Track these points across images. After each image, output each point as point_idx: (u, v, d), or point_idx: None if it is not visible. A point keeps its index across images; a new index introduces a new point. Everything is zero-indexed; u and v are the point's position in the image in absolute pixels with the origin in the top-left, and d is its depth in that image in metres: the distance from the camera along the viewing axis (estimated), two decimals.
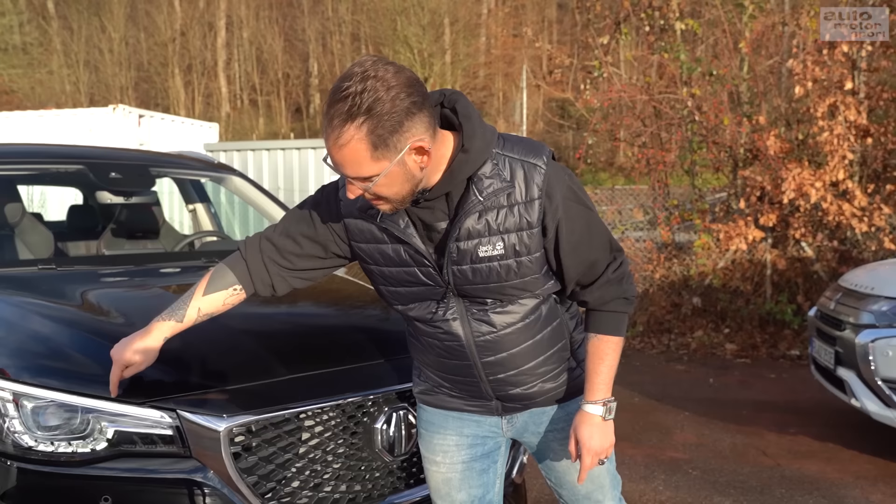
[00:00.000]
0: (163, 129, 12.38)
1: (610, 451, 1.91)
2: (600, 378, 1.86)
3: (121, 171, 3.74)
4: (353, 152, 1.52)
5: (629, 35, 10.03)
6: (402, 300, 1.88)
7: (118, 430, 1.94)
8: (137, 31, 42.41)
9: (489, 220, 1.69)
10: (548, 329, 1.88)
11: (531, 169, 1.70)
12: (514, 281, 1.76)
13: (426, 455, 2.08)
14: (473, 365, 1.88)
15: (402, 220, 1.73)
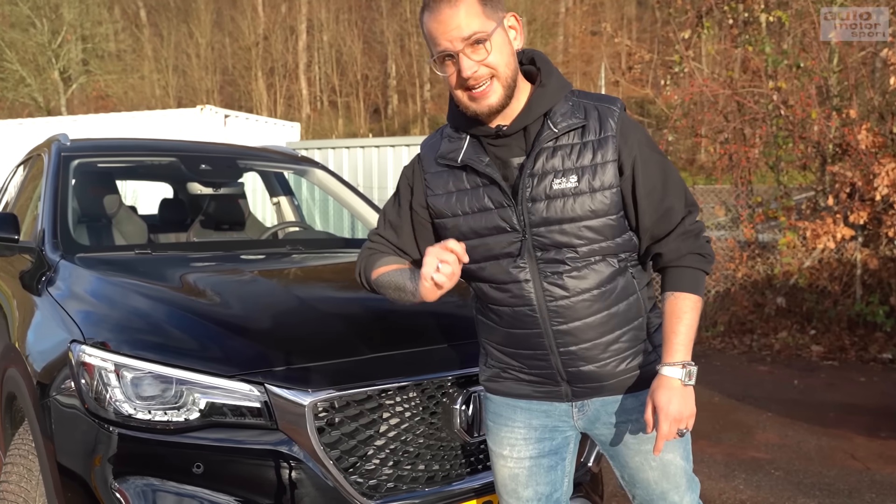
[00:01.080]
0: (247, 128, 12.76)
1: (690, 421, 1.78)
2: (678, 338, 1.77)
3: (210, 164, 3.90)
4: (466, 9, 1.63)
5: (711, 29, 9.81)
6: (476, 256, 1.82)
7: (210, 401, 2.03)
8: (223, 36, 43.76)
9: (563, 156, 1.73)
10: (623, 303, 1.81)
11: (605, 111, 1.75)
12: (590, 221, 1.73)
13: (493, 448, 2.01)
14: (544, 333, 1.81)
15: (483, 158, 1.78)
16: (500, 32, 1.67)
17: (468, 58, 1.66)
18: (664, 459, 1.90)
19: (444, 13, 1.64)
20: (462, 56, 1.66)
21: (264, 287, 2.70)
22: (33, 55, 35.84)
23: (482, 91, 1.69)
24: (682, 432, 1.79)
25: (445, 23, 1.64)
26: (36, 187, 3.81)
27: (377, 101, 43.52)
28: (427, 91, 42.78)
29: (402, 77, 43.16)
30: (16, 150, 11.01)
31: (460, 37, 1.64)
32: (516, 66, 1.73)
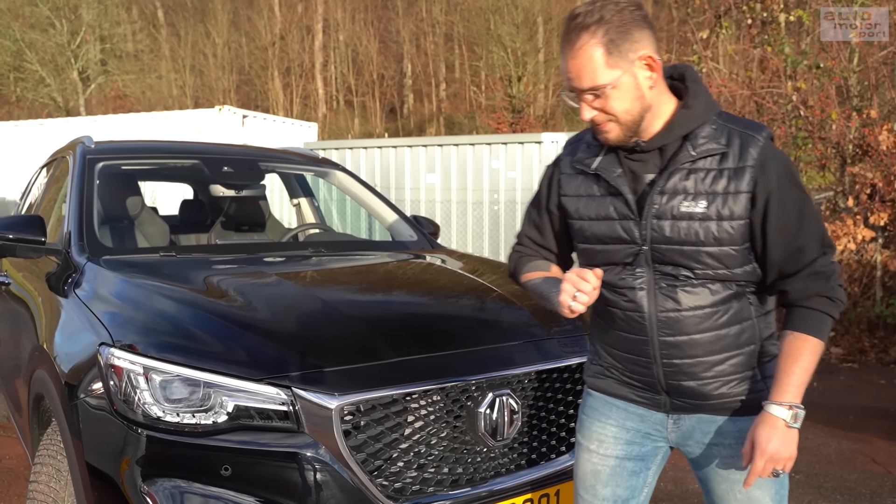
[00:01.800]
0: (265, 128, 12.82)
1: (788, 464, 1.73)
2: (791, 379, 1.72)
3: (233, 166, 3.93)
4: (587, 58, 1.65)
5: (730, 29, 9.77)
6: (596, 260, 1.88)
7: (237, 404, 2.05)
8: (239, 36, 43.96)
9: (697, 179, 1.72)
10: (735, 326, 1.79)
11: (749, 139, 1.71)
12: (711, 248, 1.73)
13: (580, 441, 2.03)
14: (650, 342, 1.83)
15: (616, 169, 1.81)
16: (628, 78, 1.68)
17: (587, 104, 1.72)
18: (752, 495, 1.85)
19: (567, 59, 1.69)
20: (582, 101, 1.72)
21: (288, 290, 2.71)
22: (53, 56, 36.15)
23: (600, 129, 1.75)
24: (778, 473, 1.74)
25: (568, 68, 1.70)
26: (60, 189, 3.85)
27: (393, 100, 43.58)
28: (443, 91, 42.79)
29: (418, 76, 43.18)
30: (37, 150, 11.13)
31: (578, 85, 1.70)
32: (646, 105, 1.72)
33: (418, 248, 3.80)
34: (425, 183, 10.30)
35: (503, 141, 10.14)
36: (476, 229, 10.16)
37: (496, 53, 33.80)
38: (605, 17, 1.64)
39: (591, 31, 1.64)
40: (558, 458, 2.47)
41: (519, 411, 2.34)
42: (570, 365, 2.51)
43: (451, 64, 43.03)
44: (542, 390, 2.44)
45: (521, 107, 33.47)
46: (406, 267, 3.37)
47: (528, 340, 2.52)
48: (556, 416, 2.48)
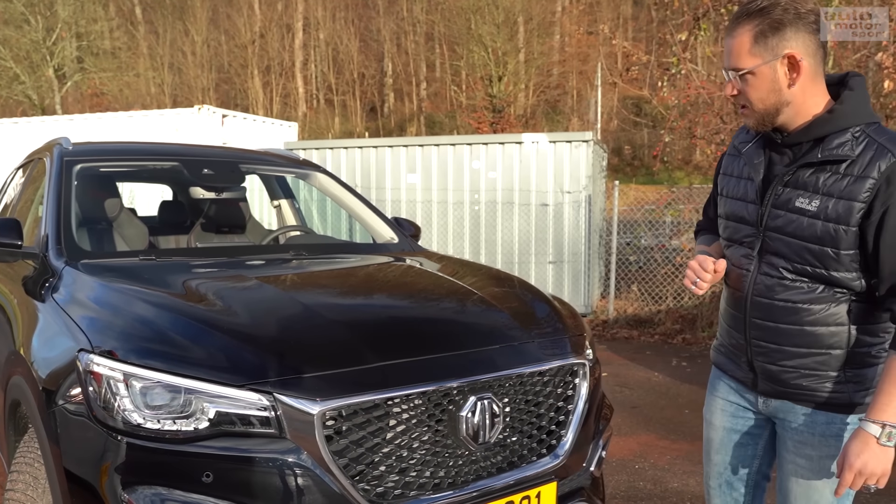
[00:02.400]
0: (245, 128, 12.76)
1: (882, 480, 1.78)
2: (887, 398, 1.77)
3: (212, 168, 3.90)
4: (738, 42, 1.84)
5: (708, 31, 9.82)
6: (725, 235, 2.11)
7: (219, 410, 2.03)
8: (219, 34, 43.69)
9: (818, 180, 1.84)
10: (824, 327, 1.88)
11: (882, 153, 1.78)
12: (812, 245, 1.84)
13: (704, 413, 2.30)
14: (744, 320, 2.01)
15: (759, 157, 1.99)
16: (767, 69, 1.82)
17: (731, 83, 1.90)
18: (812, 484, 1.95)
19: (727, 39, 1.89)
20: (728, 77, 1.91)
21: (270, 294, 2.70)
22: (27, 52, 35.69)
23: (743, 111, 1.93)
24: (870, 488, 1.80)
25: (726, 48, 1.89)
26: (37, 190, 3.81)
27: (373, 99, 43.53)
28: (423, 90, 42.79)
29: (399, 76, 43.15)
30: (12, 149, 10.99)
31: (727, 63, 1.89)
32: (781, 101, 1.85)
33: (399, 250, 3.79)
34: (406, 183, 10.30)
35: (484, 141, 10.17)
36: (457, 229, 10.18)
37: (477, 53, 33.83)
38: (767, 10, 1.80)
39: (752, 18, 1.82)
40: (540, 461, 2.49)
41: (500, 414, 2.34)
42: (550, 368, 2.53)
43: (432, 63, 43.03)
44: (523, 393, 2.45)
45: (502, 106, 33.55)
46: (387, 270, 3.37)
47: (508, 344, 2.52)
48: (537, 418, 2.50)
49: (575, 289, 9.67)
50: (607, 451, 2.96)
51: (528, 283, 3.26)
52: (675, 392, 6.25)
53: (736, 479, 2.19)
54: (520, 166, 9.83)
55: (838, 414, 1.92)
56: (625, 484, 4.30)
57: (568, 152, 9.69)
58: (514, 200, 9.80)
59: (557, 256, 9.76)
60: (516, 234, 9.88)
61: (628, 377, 6.86)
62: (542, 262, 9.81)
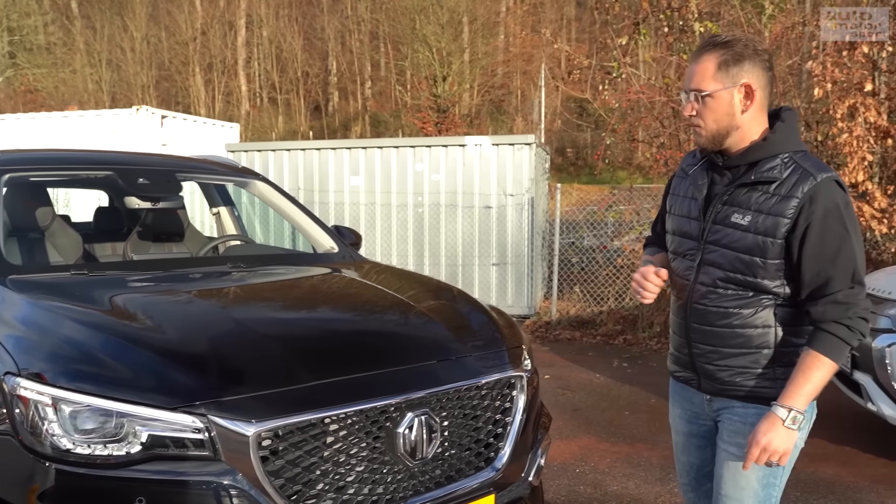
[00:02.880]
0: (185, 129, 12.54)
1: (784, 458, 2.03)
2: (797, 388, 2.01)
3: (148, 177, 3.83)
4: (702, 68, 2.07)
5: (648, 36, 10.02)
6: (672, 248, 2.32)
7: (151, 433, 2.01)
8: (159, 30, 42.78)
9: (750, 198, 2.08)
10: (753, 329, 2.12)
11: (806, 176, 2.02)
12: (744, 256, 2.07)
13: (670, 419, 2.50)
14: (685, 325, 2.24)
15: (703, 178, 2.21)
16: (725, 94, 2.05)
17: (689, 102, 2.11)
18: (741, 468, 2.15)
19: (692, 64, 2.11)
20: (686, 97, 2.13)
21: (206, 311, 2.67)
22: None
23: (697, 130, 2.14)
24: (772, 464, 2.05)
25: (690, 72, 2.11)
26: None
27: (318, 98, 43.15)
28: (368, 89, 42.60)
29: (343, 74, 42.87)
30: None
31: (688, 85, 2.10)
32: (731, 123, 2.08)
33: (339, 260, 3.78)
34: (349, 186, 10.26)
35: (427, 144, 10.19)
36: (400, 232, 10.18)
37: (421, 53, 33.83)
38: (731, 44, 2.05)
39: (717, 48, 2.06)
40: (478, 474, 2.52)
41: (437, 429, 2.36)
42: (488, 381, 2.56)
43: (377, 62, 42.87)
44: (460, 407, 2.47)
45: (447, 106, 33.63)
46: (325, 283, 3.36)
47: (445, 358, 2.55)
48: (475, 432, 2.53)
49: (518, 290, 9.76)
50: (546, 460, 3.02)
51: (467, 294, 3.29)
52: (615, 394, 6.36)
53: (703, 475, 2.41)
54: (463, 169, 9.88)
55: (768, 407, 2.10)
56: (565, 488, 4.37)
57: (510, 155, 9.77)
58: (457, 203, 9.84)
59: (501, 258, 9.84)
60: (460, 237, 9.93)
61: (570, 379, 6.96)
62: (486, 265, 9.88)
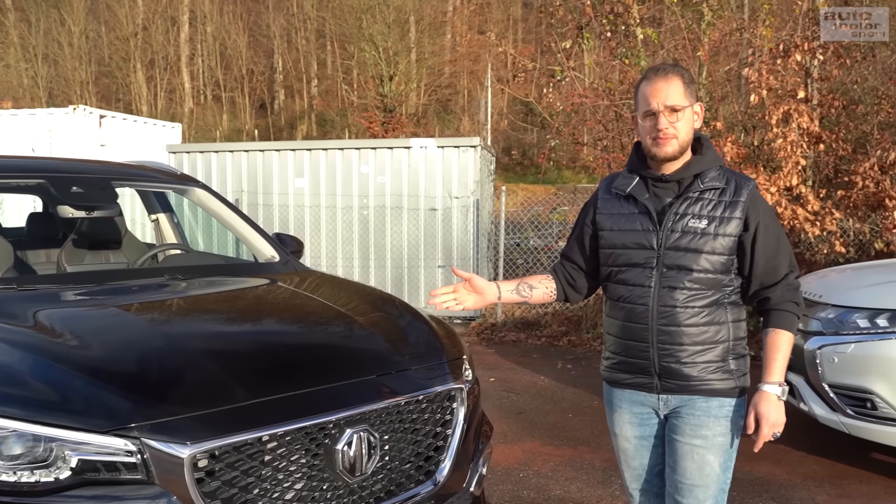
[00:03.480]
0: (125, 129, 12.25)
1: (780, 428, 2.28)
2: (776, 364, 2.30)
3: (82, 186, 3.72)
4: (676, 85, 2.30)
5: (591, 40, 10.15)
6: (619, 262, 2.44)
7: (82, 458, 1.96)
8: (98, 24, 41.71)
9: (702, 205, 2.33)
10: (713, 326, 2.33)
11: (743, 182, 2.35)
12: (707, 255, 2.30)
13: (610, 428, 2.60)
14: (650, 329, 2.36)
15: (645, 194, 2.41)
16: (689, 111, 2.32)
17: (666, 118, 2.29)
18: (706, 458, 2.35)
19: (658, 84, 2.30)
20: (661, 115, 2.29)
21: (140, 327, 2.61)
22: None
23: (666, 140, 2.30)
24: (776, 435, 2.29)
25: (658, 91, 2.29)
26: None
27: (263, 96, 42.61)
28: (314, 87, 42.24)
29: (289, 72, 42.42)
30: None
31: (664, 103, 2.28)
32: (691, 136, 2.35)
33: (280, 270, 3.74)
34: (294, 188, 10.17)
35: (372, 146, 10.16)
36: (346, 235, 10.12)
37: (368, 52, 33.65)
38: (683, 71, 2.35)
39: (677, 71, 2.34)
40: (418, 487, 2.52)
41: (377, 445, 2.36)
42: (427, 395, 2.56)
43: (323, 61, 42.55)
44: (400, 422, 2.47)
45: (393, 106, 33.53)
46: (263, 296, 3.31)
47: (385, 373, 2.55)
48: (414, 445, 2.53)
49: None
50: (488, 468, 3.04)
51: (408, 305, 3.29)
52: (559, 396, 6.44)
53: (654, 476, 2.53)
54: (408, 171, 9.88)
55: (727, 398, 2.36)
56: (509, 494, 4.41)
57: (456, 157, 9.81)
58: (402, 205, 9.83)
59: (447, 260, 9.86)
60: (405, 239, 9.92)
61: (515, 382, 7.02)
62: (432, 267, 9.89)
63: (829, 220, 7.84)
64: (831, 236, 8.03)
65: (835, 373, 4.41)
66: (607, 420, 2.62)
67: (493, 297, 2.49)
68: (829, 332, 4.52)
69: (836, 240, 7.98)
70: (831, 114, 8.65)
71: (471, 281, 2.46)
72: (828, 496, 4.30)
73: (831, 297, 4.72)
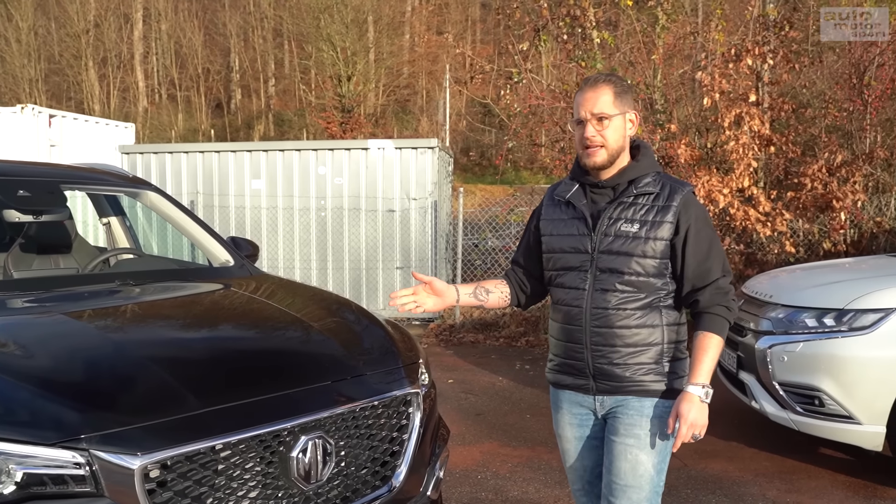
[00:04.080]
0: (76, 129, 11.99)
1: (702, 430, 2.29)
2: (702, 367, 2.31)
3: (30, 189, 3.64)
4: (605, 94, 2.35)
5: (548, 42, 10.23)
6: (558, 265, 2.50)
7: (27, 472, 1.91)
8: (47, 20, 40.75)
9: (635, 210, 2.38)
10: (646, 329, 2.37)
11: (676, 188, 2.39)
12: (638, 258, 2.34)
13: (555, 428, 2.65)
14: (584, 330, 2.41)
15: (583, 199, 2.46)
16: (620, 119, 2.36)
17: (592, 126, 2.35)
18: (639, 458, 2.39)
19: (588, 94, 2.36)
20: (588, 124, 2.35)
21: (88, 334, 2.55)
22: None
23: (593, 151, 2.36)
24: (696, 437, 2.30)
25: (587, 100, 2.35)
26: None
27: (219, 95, 42.06)
28: (272, 87, 41.84)
29: (246, 72, 41.95)
30: None
31: (591, 111, 2.34)
32: (624, 146, 2.40)
33: (235, 274, 3.70)
34: (250, 189, 10.06)
35: (330, 147, 10.11)
36: (303, 236, 10.05)
37: (326, 52, 33.42)
38: (618, 79, 2.41)
39: (609, 81, 2.39)
40: (374, 492, 2.52)
41: (333, 451, 2.35)
42: (383, 400, 2.56)
43: (280, 60, 42.17)
44: (355, 427, 2.47)
45: (352, 106, 33.36)
46: (217, 301, 3.27)
47: (340, 378, 2.53)
48: (370, 451, 2.53)
49: None
50: (445, 472, 3.04)
51: (364, 310, 3.28)
52: (517, 397, 6.47)
53: (595, 476, 2.58)
54: (366, 172, 9.84)
55: (661, 399, 2.39)
56: (467, 496, 4.42)
57: (414, 158, 9.80)
58: (360, 207, 9.80)
59: (405, 262, 9.85)
60: (363, 241, 9.89)
61: (473, 383, 7.04)
62: (390, 268, 9.87)
63: (779, 220, 8.02)
64: (782, 237, 8.21)
65: (784, 371, 4.51)
66: (553, 422, 2.67)
67: (452, 299, 2.52)
68: (779, 331, 4.62)
69: (787, 240, 8.17)
70: (781, 117, 8.85)
71: (431, 284, 2.48)
72: (778, 491, 4.40)
73: (781, 297, 4.83)
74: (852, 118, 8.75)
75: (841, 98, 9.01)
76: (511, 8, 10.59)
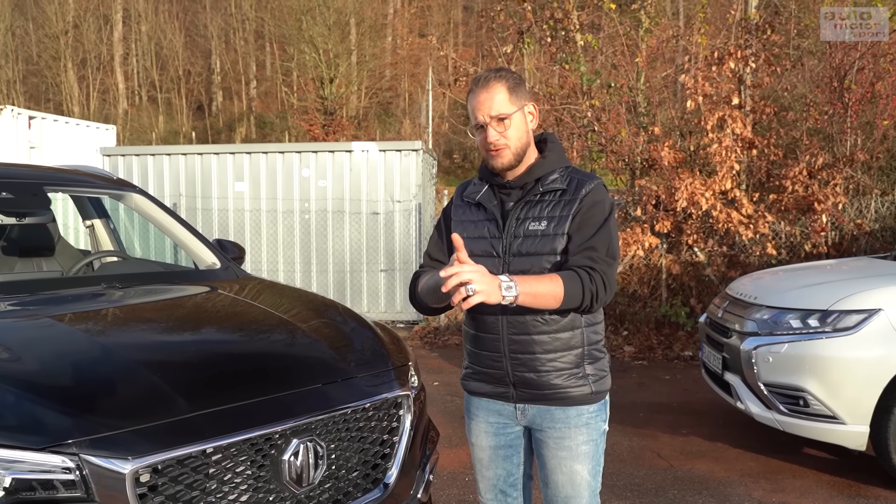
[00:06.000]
0: (56, 131, 11.88)
1: (473, 298, 1.97)
2: (528, 279, 2.12)
3: (12, 191, 3.59)
4: (499, 93, 2.26)
5: (532, 45, 10.26)
6: None
7: (16, 477, 1.88)
8: (25, 21, 40.35)
9: (542, 207, 2.30)
10: (567, 332, 2.30)
11: (583, 182, 2.31)
12: (549, 257, 2.25)
13: (468, 436, 2.55)
14: (501, 339, 2.33)
15: (493, 201, 2.37)
16: (520, 115, 2.29)
17: (494, 129, 2.26)
18: (574, 468, 2.35)
19: (481, 96, 2.26)
20: (489, 127, 2.26)
21: (75, 338, 2.52)
22: None
23: (498, 152, 2.28)
24: (470, 293, 1.97)
25: (482, 103, 2.26)
26: None
27: (200, 97, 41.82)
28: (253, 89, 41.64)
29: (227, 74, 41.74)
30: None
31: (489, 114, 2.25)
32: (528, 140, 2.33)
33: (221, 277, 3.67)
34: (233, 192, 10.00)
35: (313, 149, 10.07)
36: (287, 238, 10.01)
37: (308, 54, 33.31)
38: (508, 73, 2.30)
39: (500, 77, 2.28)
40: (366, 495, 2.50)
41: (324, 454, 2.34)
42: (374, 403, 2.55)
43: (262, 62, 42.00)
44: (346, 430, 2.45)
45: (334, 108, 33.27)
46: (205, 303, 3.25)
47: (330, 381, 2.52)
48: (361, 453, 2.51)
49: (407, 297, 9.78)
50: (434, 474, 3.04)
51: (352, 312, 3.27)
52: None
53: (508, 486, 2.51)
54: (350, 175, 9.82)
55: (585, 405, 2.34)
56: (455, 498, 4.42)
57: (397, 161, 9.79)
58: (344, 209, 9.77)
59: (389, 265, 9.84)
60: (347, 244, 9.86)
61: (458, 385, 7.02)
62: (374, 271, 9.85)
63: (761, 223, 8.09)
64: (764, 239, 8.29)
65: (769, 372, 4.55)
66: (465, 429, 2.58)
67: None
68: (764, 332, 4.66)
69: (769, 242, 8.24)
70: (763, 120, 8.93)
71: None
72: (764, 491, 4.43)
73: (765, 298, 4.87)
74: (833, 121, 8.86)
75: (822, 101, 9.11)
76: (494, 11, 10.60)
